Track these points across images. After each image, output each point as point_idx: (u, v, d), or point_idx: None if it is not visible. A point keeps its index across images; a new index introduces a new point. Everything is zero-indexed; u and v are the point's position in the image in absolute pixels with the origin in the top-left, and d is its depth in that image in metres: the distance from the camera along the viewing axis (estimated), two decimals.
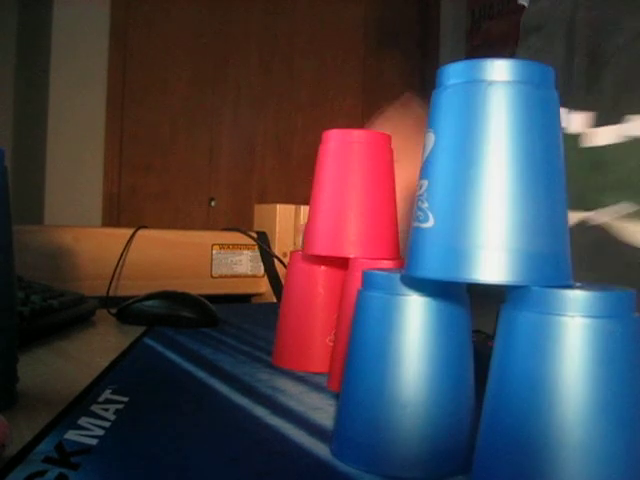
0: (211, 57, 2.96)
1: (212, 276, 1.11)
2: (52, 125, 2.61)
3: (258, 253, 1.15)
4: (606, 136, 0.66)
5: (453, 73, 0.31)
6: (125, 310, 0.78)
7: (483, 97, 0.30)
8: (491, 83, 0.30)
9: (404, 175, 0.56)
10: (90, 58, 2.69)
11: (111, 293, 0.93)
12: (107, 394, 0.46)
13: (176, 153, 2.90)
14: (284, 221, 1.17)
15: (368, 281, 0.35)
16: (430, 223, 0.31)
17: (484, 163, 0.30)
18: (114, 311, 0.79)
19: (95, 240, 1.00)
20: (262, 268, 1.16)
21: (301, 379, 0.53)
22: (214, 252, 1.11)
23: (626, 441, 0.27)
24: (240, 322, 0.81)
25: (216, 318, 0.77)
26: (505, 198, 0.29)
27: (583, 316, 0.28)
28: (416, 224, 0.32)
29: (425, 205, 0.31)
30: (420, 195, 0.32)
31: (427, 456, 0.33)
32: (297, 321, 0.56)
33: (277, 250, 1.16)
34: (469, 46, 3.54)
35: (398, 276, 0.34)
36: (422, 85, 3.46)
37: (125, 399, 0.45)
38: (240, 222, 2.21)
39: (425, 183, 0.32)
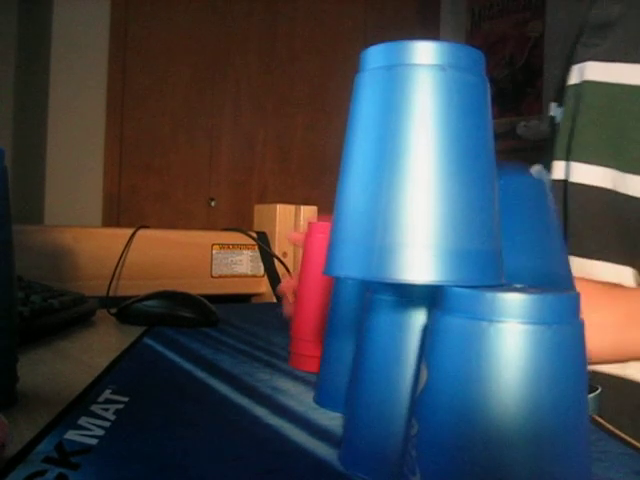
0: (211, 57, 2.96)
1: (212, 276, 1.11)
2: (52, 125, 2.61)
3: (258, 253, 1.15)
4: None
5: (374, 56, 0.29)
6: (125, 310, 0.78)
7: (405, 82, 0.27)
8: (414, 67, 0.27)
9: None
10: (90, 58, 2.69)
11: (111, 293, 0.93)
12: (107, 394, 0.46)
13: (176, 153, 2.90)
14: (284, 221, 1.17)
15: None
16: (350, 219, 0.28)
17: (405, 154, 0.27)
18: (114, 311, 0.79)
19: (95, 240, 1.00)
20: (262, 268, 1.16)
21: (301, 379, 0.53)
22: (214, 252, 1.11)
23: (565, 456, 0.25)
24: (240, 322, 0.81)
25: (216, 318, 0.77)
26: (429, 192, 0.27)
27: (519, 322, 0.24)
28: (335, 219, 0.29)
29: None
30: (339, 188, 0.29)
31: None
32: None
33: (277, 250, 1.16)
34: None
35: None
36: None
37: (125, 399, 0.45)
38: (240, 222, 2.21)
39: (343, 175, 0.29)
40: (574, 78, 0.69)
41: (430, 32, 3.55)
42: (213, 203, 2.98)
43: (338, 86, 3.26)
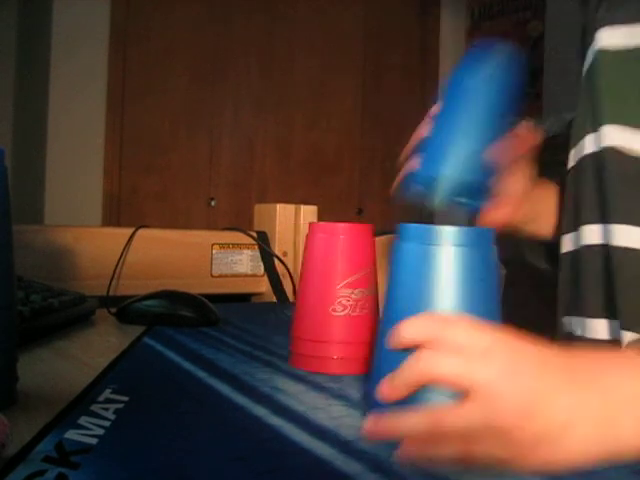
0: (211, 57, 2.96)
1: (212, 276, 1.11)
2: (52, 125, 2.61)
3: (258, 253, 1.15)
4: None
5: (412, 232, 0.40)
6: (125, 310, 0.78)
7: (434, 256, 0.38)
8: (440, 247, 0.39)
9: None
10: (90, 58, 2.69)
11: (111, 293, 0.93)
12: (107, 394, 0.46)
13: (176, 153, 2.90)
14: (284, 221, 1.17)
15: (404, 233, 0.40)
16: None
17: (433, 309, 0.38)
18: (114, 311, 0.79)
19: (95, 240, 1.00)
20: (262, 268, 1.16)
21: (301, 379, 0.53)
22: (214, 252, 1.11)
23: None
24: (240, 322, 0.80)
25: (216, 317, 0.77)
26: None
27: (452, 245, 0.38)
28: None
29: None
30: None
31: None
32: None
33: (277, 250, 1.16)
34: (469, 46, 3.54)
35: (431, 227, 0.39)
36: (422, 85, 3.47)
37: (125, 399, 0.45)
38: (240, 222, 2.21)
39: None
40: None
41: (430, 32, 3.55)
42: (213, 203, 2.98)
43: (338, 86, 3.26)
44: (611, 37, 0.60)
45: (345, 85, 3.28)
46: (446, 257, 0.38)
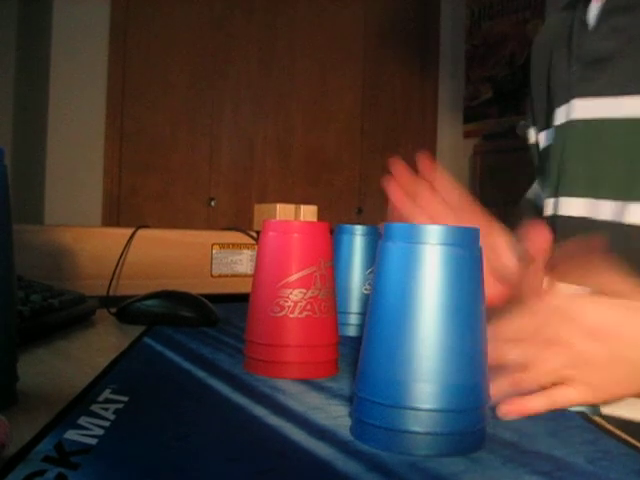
0: (211, 57, 2.96)
1: (212, 276, 1.11)
2: (52, 125, 2.61)
3: None
4: None
5: (397, 232, 0.39)
6: (125, 310, 0.78)
7: (419, 255, 0.38)
8: (425, 245, 0.38)
9: None
10: (90, 58, 2.69)
11: (111, 293, 0.93)
12: (107, 394, 0.46)
13: (176, 153, 2.90)
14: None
15: (389, 232, 0.40)
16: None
17: (419, 308, 0.38)
18: (114, 311, 0.79)
19: (95, 240, 1.00)
20: None
21: (301, 379, 0.53)
22: (214, 252, 1.11)
23: (468, 337, 0.38)
24: (240, 322, 0.80)
25: (216, 317, 0.77)
26: (434, 338, 0.37)
27: (439, 244, 0.38)
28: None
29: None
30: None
31: (444, 390, 0.38)
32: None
33: None
34: (469, 46, 3.54)
35: (415, 226, 0.39)
36: (422, 85, 3.47)
37: (125, 399, 0.45)
38: (240, 222, 2.21)
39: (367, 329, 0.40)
40: (561, 118, 0.69)
41: (430, 32, 3.55)
42: (213, 203, 2.98)
43: (338, 86, 3.26)
44: (583, 108, 0.67)
45: (345, 85, 3.28)
46: (431, 256, 0.38)
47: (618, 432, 0.42)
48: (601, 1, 0.68)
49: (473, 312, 0.38)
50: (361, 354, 0.40)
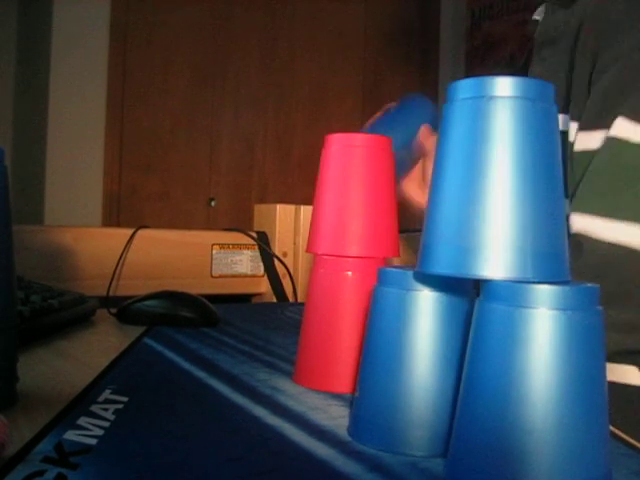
0: (211, 57, 2.96)
1: (212, 276, 1.11)
2: (52, 125, 2.61)
3: (258, 253, 1.15)
4: (590, 141, 0.66)
5: (460, 89, 0.34)
6: (125, 310, 0.78)
7: (487, 111, 0.33)
8: (492, 98, 0.33)
9: None
10: (90, 58, 2.69)
11: (111, 293, 0.93)
12: (107, 394, 0.46)
13: (176, 153, 2.90)
14: (284, 221, 1.17)
15: (382, 277, 0.38)
16: (442, 224, 0.34)
17: (489, 171, 0.32)
18: (114, 311, 0.79)
19: (95, 240, 1.00)
20: (262, 268, 1.16)
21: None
22: (214, 252, 1.11)
23: (588, 424, 0.30)
24: (240, 322, 0.80)
25: (216, 318, 0.77)
26: (508, 202, 0.32)
27: (549, 308, 0.30)
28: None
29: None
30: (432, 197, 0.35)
31: (436, 436, 0.36)
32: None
33: (277, 250, 1.16)
34: (469, 46, 3.54)
35: (411, 273, 0.37)
36: (422, 85, 3.46)
37: (125, 399, 0.45)
38: (240, 222, 2.21)
39: (435, 187, 0.35)
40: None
41: (430, 32, 3.55)
42: (213, 203, 2.98)
43: (338, 86, 3.26)
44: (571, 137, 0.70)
45: (345, 85, 3.28)
46: (424, 303, 0.36)
47: (618, 432, 0.42)
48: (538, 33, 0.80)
49: (458, 358, 0.37)
50: (361, 379, 0.39)
